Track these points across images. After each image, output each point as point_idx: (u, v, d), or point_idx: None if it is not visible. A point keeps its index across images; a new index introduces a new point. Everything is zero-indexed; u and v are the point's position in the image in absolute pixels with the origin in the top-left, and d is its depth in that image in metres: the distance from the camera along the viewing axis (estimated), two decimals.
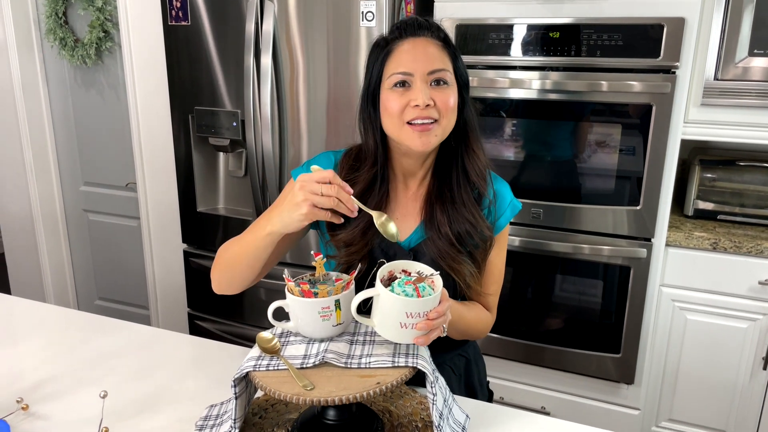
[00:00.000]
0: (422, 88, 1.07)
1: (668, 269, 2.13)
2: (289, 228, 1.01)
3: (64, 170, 3.05)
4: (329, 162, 1.22)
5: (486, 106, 2.19)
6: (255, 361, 0.95)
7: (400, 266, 1.01)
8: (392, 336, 0.96)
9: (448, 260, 1.13)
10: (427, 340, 0.94)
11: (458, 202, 1.15)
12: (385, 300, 0.94)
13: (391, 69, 1.09)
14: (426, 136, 1.09)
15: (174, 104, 2.42)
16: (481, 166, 1.18)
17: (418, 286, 0.95)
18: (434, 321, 0.94)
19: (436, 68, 1.08)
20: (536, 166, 2.19)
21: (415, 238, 1.18)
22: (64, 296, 3.18)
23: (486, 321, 1.23)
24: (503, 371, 2.42)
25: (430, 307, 0.94)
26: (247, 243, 1.10)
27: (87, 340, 1.37)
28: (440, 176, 1.18)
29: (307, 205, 0.97)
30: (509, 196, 1.24)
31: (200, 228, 2.51)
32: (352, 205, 0.98)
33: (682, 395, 2.23)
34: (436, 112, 1.08)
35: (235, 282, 1.15)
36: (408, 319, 0.93)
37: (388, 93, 1.09)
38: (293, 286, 0.98)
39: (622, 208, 2.08)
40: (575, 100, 2.05)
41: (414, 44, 1.09)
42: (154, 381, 1.22)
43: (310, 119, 2.22)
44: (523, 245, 2.22)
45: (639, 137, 2.00)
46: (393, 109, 1.09)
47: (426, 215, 1.17)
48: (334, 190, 0.96)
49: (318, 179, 0.97)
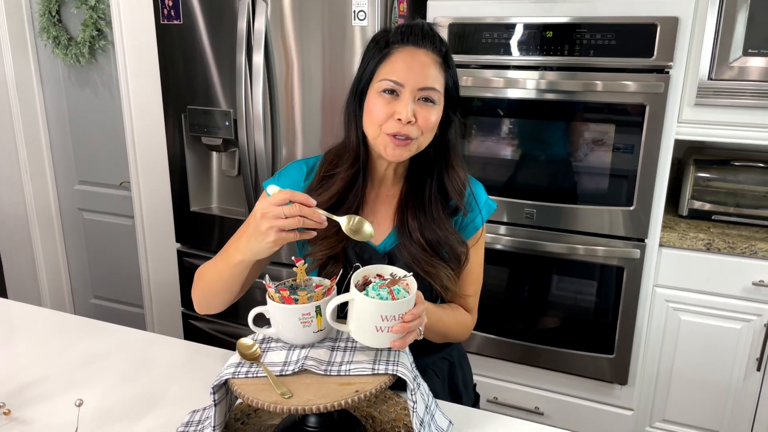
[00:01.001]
0: (408, 102, 1.06)
1: (662, 270, 2.12)
2: (261, 255, 1.00)
3: (58, 169, 3.05)
4: (300, 172, 1.21)
5: (479, 106, 2.18)
6: (234, 368, 0.94)
7: (374, 271, 1.01)
8: (369, 341, 0.95)
9: (423, 264, 1.13)
10: (404, 344, 0.94)
11: (428, 216, 1.15)
12: (360, 304, 0.94)
13: (383, 73, 1.08)
14: (399, 149, 1.09)
15: (167, 103, 2.41)
16: (460, 183, 1.17)
17: (393, 289, 0.94)
18: (410, 323, 0.93)
19: (427, 86, 1.06)
20: (530, 165, 2.18)
21: (389, 242, 1.18)
22: (59, 295, 3.18)
23: (466, 323, 1.23)
24: (497, 371, 2.41)
25: (405, 309, 0.94)
26: (220, 271, 1.08)
27: (74, 343, 1.37)
28: (413, 183, 1.18)
29: (273, 232, 0.94)
30: (484, 196, 1.24)
31: (194, 227, 2.51)
32: (318, 217, 0.95)
33: (675, 396, 2.22)
34: (416, 129, 1.08)
35: (214, 304, 1.15)
36: (383, 322, 0.93)
37: (376, 97, 1.08)
38: (273, 292, 0.98)
39: (615, 209, 2.07)
40: (569, 100, 2.04)
41: (413, 55, 1.07)
42: (140, 385, 1.21)
43: (304, 118, 2.21)
44: (517, 245, 2.21)
45: (633, 137, 1.99)
46: (376, 115, 1.08)
47: (397, 222, 1.17)
48: (296, 209, 0.93)
49: (277, 202, 0.94)
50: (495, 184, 2.21)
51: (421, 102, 1.07)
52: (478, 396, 1.35)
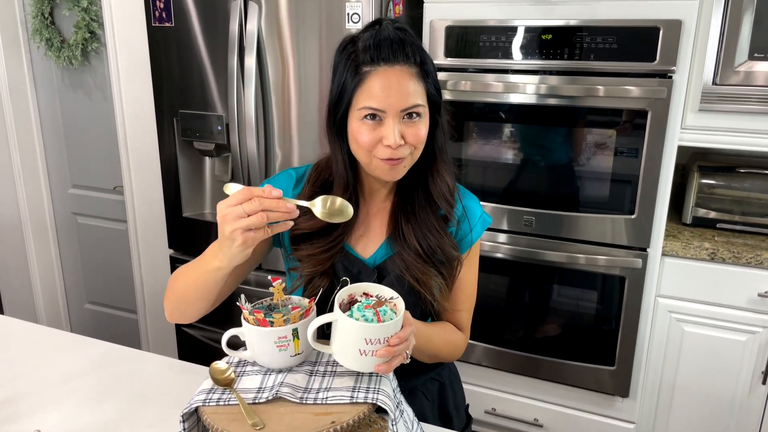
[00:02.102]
0: (394, 126, 1.00)
1: (665, 280, 2.06)
2: (237, 261, 0.94)
3: (52, 173, 3.00)
4: (290, 180, 1.16)
5: (478, 111, 2.12)
6: (206, 395, 0.89)
7: (361, 289, 0.96)
8: (352, 364, 0.90)
9: (415, 272, 1.08)
10: (389, 368, 0.89)
11: (420, 221, 1.10)
12: (344, 325, 0.89)
13: (362, 101, 1.01)
14: (395, 170, 1.05)
15: (159, 107, 2.37)
16: (445, 189, 1.12)
17: (379, 310, 0.89)
18: (396, 347, 0.88)
19: (409, 105, 1.01)
20: (529, 172, 2.12)
21: (380, 255, 1.13)
22: (53, 300, 3.14)
23: (457, 343, 1.17)
24: (495, 382, 2.36)
25: (392, 332, 0.88)
26: (195, 278, 1.03)
27: (49, 360, 1.32)
28: (403, 194, 1.13)
29: (239, 234, 0.88)
30: (479, 211, 1.19)
31: (186, 233, 2.46)
32: (285, 206, 0.89)
33: (678, 409, 2.16)
34: (407, 149, 1.03)
35: (187, 314, 1.10)
36: (368, 345, 0.88)
37: (359, 125, 1.02)
38: (247, 314, 0.93)
39: (617, 216, 2.01)
40: (569, 105, 1.98)
41: (387, 76, 0.99)
42: (115, 404, 1.16)
43: (300, 123, 2.16)
44: (516, 254, 2.15)
45: (635, 143, 1.93)
46: (363, 143, 1.02)
47: (391, 229, 1.12)
48: (256, 204, 0.87)
49: (235, 202, 0.88)
50: (493, 191, 2.16)
51: (406, 120, 1.02)
52: (470, 418, 1.29)
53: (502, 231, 2.17)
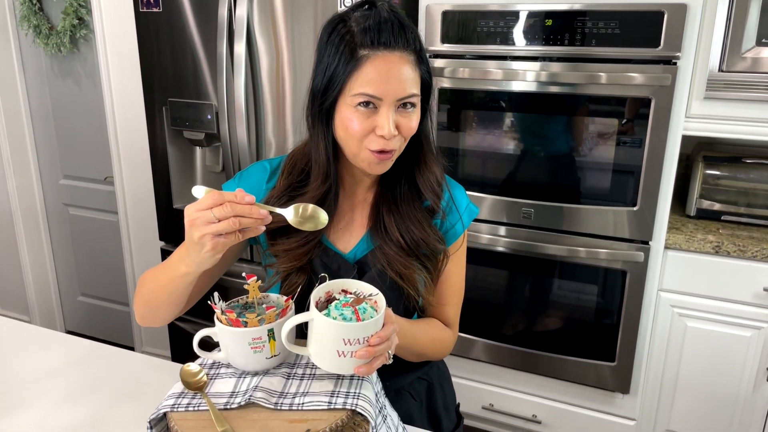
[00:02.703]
0: (389, 115, 0.94)
1: (667, 273, 2.00)
2: (205, 266, 0.88)
3: (43, 163, 2.95)
4: (263, 173, 1.10)
5: (475, 99, 2.05)
6: (174, 400, 0.83)
7: (339, 286, 0.90)
8: (330, 366, 0.85)
9: (397, 266, 1.02)
10: (370, 370, 0.83)
11: (403, 212, 1.04)
12: (320, 325, 0.83)
13: (356, 86, 0.93)
14: (383, 164, 0.99)
15: (148, 96, 2.30)
16: (433, 180, 1.06)
17: (358, 308, 0.83)
18: (376, 347, 0.82)
19: (407, 94, 0.94)
20: (529, 162, 2.06)
21: (360, 249, 1.07)
22: (45, 292, 3.10)
23: (444, 340, 1.11)
24: (493, 377, 2.30)
25: (372, 331, 0.83)
26: (164, 283, 0.96)
27: (24, 356, 1.26)
28: (386, 184, 1.07)
29: (208, 239, 0.82)
30: (465, 201, 1.13)
31: (177, 225, 2.40)
32: (258, 213, 0.83)
33: (680, 406, 2.11)
34: (399, 140, 0.97)
35: (159, 318, 1.03)
36: (346, 346, 0.82)
37: (351, 111, 0.95)
38: (220, 313, 0.87)
39: (618, 208, 1.94)
40: (570, 93, 1.91)
41: (387, 62, 0.93)
42: (89, 404, 1.11)
43: (295, 111, 2.09)
44: (512, 247, 2.09)
45: (638, 132, 1.86)
46: (355, 131, 0.95)
47: (372, 221, 1.06)
48: (228, 209, 0.81)
49: (204, 206, 0.82)
50: (491, 182, 2.09)
51: (401, 110, 0.95)
52: (461, 418, 1.23)
53: (500, 223, 2.11)
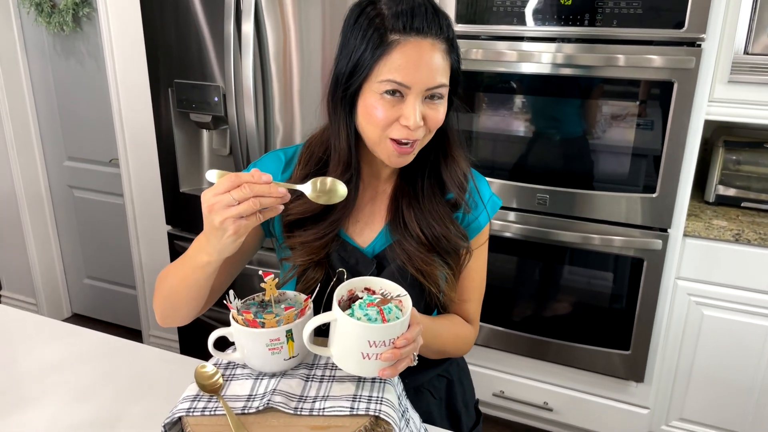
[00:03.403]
0: (416, 105, 0.89)
1: (685, 261, 1.96)
2: (227, 253, 0.84)
3: (46, 144, 2.90)
4: (278, 163, 1.05)
5: (489, 81, 1.99)
6: (190, 403, 0.80)
7: (362, 284, 0.86)
8: (353, 369, 0.81)
9: (418, 262, 0.98)
10: (395, 372, 0.80)
11: (424, 208, 1.00)
12: (344, 326, 0.79)
13: (384, 72, 0.88)
14: (404, 158, 0.94)
15: (153, 77, 2.25)
16: (460, 175, 1.01)
17: (383, 309, 0.79)
18: (402, 349, 0.79)
19: (436, 84, 0.89)
20: (544, 147, 2.00)
21: (379, 243, 1.02)
22: (51, 275, 3.07)
23: (466, 337, 1.08)
24: (504, 364, 2.28)
25: (398, 333, 0.79)
26: (185, 276, 0.93)
27: (31, 349, 1.23)
28: (407, 176, 1.02)
29: (230, 223, 0.79)
30: (488, 193, 1.08)
31: (184, 209, 2.36)
32: (277, 192, 0.80)
33: (695, 394, 2.08)
34: (424, 131, 0.92)
35: (180, 315, 1.00)
36: (371, 348, 0.78)
37: (376, 98, 0.90)
38: (236, 313, 0.83)
39: (637, 195, 1.89)
40: (587, 76, 1.86)
41: (419, 49, 0.88)
42: (98, 402, 1.08)
43: (302, 93, 2.04)
44: (528, 233, 2.05)
45: (658, 117, 1.81)
46: (379, 119, 0.90)
47: (391, 215, 1.02)
48: (247, 190, 0.78)
49: (222, 190, 0.79)
50: (505, 167, 2.04)
51: (428, 101, 0.91)
52: (480, 415, 1.20)
53: (513, 209, 2.07)
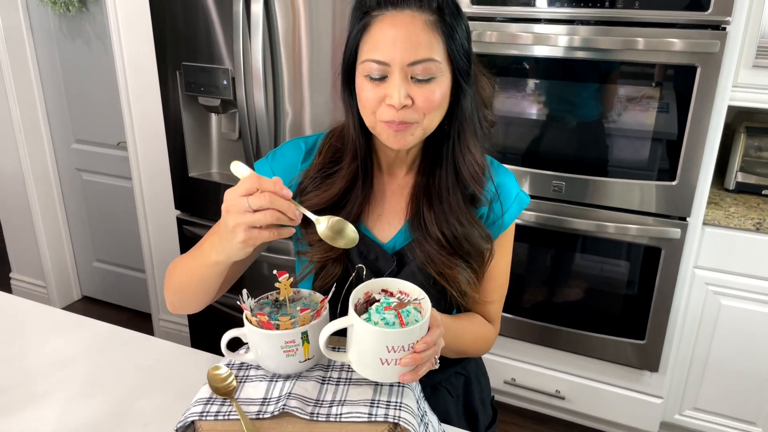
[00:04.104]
0: (399, 83, 0.84)
1: (703, 250, 1.92)
2: (236, 258, 0.82)
3: (54, 127, 2.87)
4: (297, 152, 1.02)
5: (504, 65, 1.94)
6: (203, 406, 0.78)
7: (378, 285, 0.82)
8: (371, 374, 0.78)
9: (439, 265, 0.94)
10: (415, 377, 0.77)
11: (445, 206, 0.95)
12: (361, 332, 0.76)
13: (365, 52, 0.86)
14: (402, 136, 0.88)
15: (161, 59, 2.20)
16: (475, 167, 0.96)
17: (401, 312, 0.76)
18: (423, 354, 0.76)
19: (419, 59, 0.84)
20: (560, 133, 1.96)
21: (399, 240, 0.99)
22: (61, 258, 3.06)
23: (487, 337, 1.04)
24: (516, 352, 2.26)
25: (417, 337, 0.76)
26: (192, 272, 0.91)
27: (40, 342, 1.21)
28: (428, 170, 0.98)
29: (242, 230, 0.76)
30: (515, 189, 1.04)
31: (193, 194, 2.34)
32: (293, 212, 0.76)
33: (709, 384, 2.05)
34: (413, 113, 0.87)
35: (190, 306, 0.98)
36: (389, 353, 0.75)
37: (362, 81, 0.88)
38: (250, 315, 0.80)
39: (655, 183, 1.85)
40: (606, 60, 1.80)
41: (394, 22, 0.84)
42: (108, 398, 1.06)
43: (312, 77, 1.99)
44: (542, 221, 2.01)
45: (679, 103, 1.75)
46: (366, 101, 0.88)
47: (411, 213, 0.98)
48: (266, 200, 0.74)
49: (243, 192, 0.75)
50: (520, 153, 2.00)
51: (418, 82, 0.85)
52: (496, 411, 1.18)
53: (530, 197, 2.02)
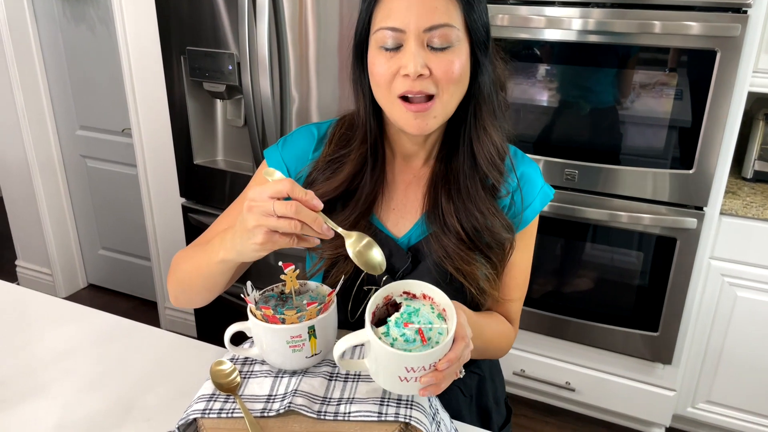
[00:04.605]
0: (415, 51, 0.79)
1: (720, 240, 1.87)
2: (246, 257, 0.78)
3: (58, 113, 2.84)
4: (310, 140, 0.97)
5: (516, 49, 1.89)
6: (205, 403, 0.75)
7: (400, 288, 0.76)
8: (391, 388, 0.73)
9: (457, 261, 0.89)
10: (437, 391, 0.71)
11: (464, 194, 0.90)
12: (377, 351, 0.70)
13: (378, 20, 0.82)
14: (423, 118, 0.83)
15: (165, 44, 2.16)
16: (492, 151, 0.90)
17: (423, 329, 0.71)
18: (445, 371, 0.70)
19: (436, 23, 0.79)
20: (573, 120, 1.91)
21: (415, 234, 0.94)
22: (66, 246, 3.04)
23: (508, 336, 1.00)
24: (526, 343, 2.22)
25: (439, 356, 0.69)
26: (199, 266, 0.87)
27: (41, 337, 1.19)
28: (447, 158, 0.92)
29: (262, 232, 0.72)
30: (539, 182, 0.98)
31: (198, 182, 2.30)
32: (320, 226, 0.72)
33: (723, 377, 2.01)
34: (431, 84, 0.81)
35: (194, 301, 0.95)
36: (409, 373, 0.70)
37: (375, 53, 0.83)
38: (254, 308, 0.77)
39: (671, 172, 1.80)
40: (621, 44, 1.74)
41: None
42: (111, 391, 1.03)
43: (319, 62, 1.95)
44: (555, 210, 1.96)
45: (697, 89, 1.70)
46: (379, 76, 0.83)
47: (428, 205, 0.93)
48: (292, 209, 0.70)
49: (271, 194, 0.71)
50: (531, 141, 1.95)
51: (435, 51, 0.81)
52: (510, 411, 1.14)
53: None
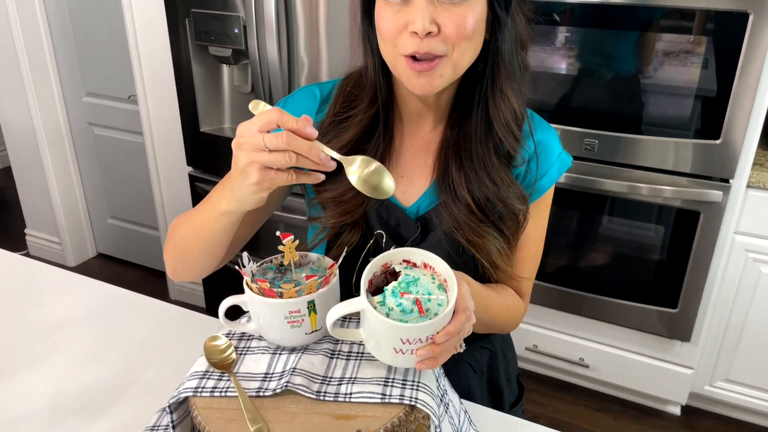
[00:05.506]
0: (424, 4, 0.72)
1: (745, 214, 1.79)
2: (248, 205, 0.73)
3: (64, 80, 2.78)
4: (312, 101, 0.91)
5: (534, 11, 1.79)
6: (198, 381, 0.70)
7: (400, 255, 0.71)
8: (386, 360, 0.69)
9: (468, 232, 0.83)
10: (435, 364, 0.66)
11: (476, 162, 0.83)
12: (371, 320, 0.66)
13: None
14: (428, 77, 0.76)
15: (170, 6, 2.09)
16: (509, 115, 0.82)
17: (420, 299, 0.66)
18: (443, 344, 0.65)
19: None
20: (593, 87, 1.82)
21: (424, 203, 0.88)
22: (75, 215, 3.01)
23: (517, 311, 0.94)
24: (539, 318, 2.17)
25: (438, 328, 0.64)
26: (199, 225, 0.81)
27: (37, 303, 1.15)
28: (459, 122, 0.85)
29: (256, 170, 0.67)
30: (557, 148, 0.90)
31: (205, 150, 2.25)
32: (317, 155, 0.67)
33: (743, 355, 1.95)
34: (440, 43, 0.74)
35: (193, 269, 0.89)
36: (404, 345, 0.65)
37: (382, 5, 0.76)
38: (249, 281, 0.72)
39: (697, 142, 1.71)
40: (646, 5, 1.65)
41: None
42: (106, 366, 0.99)
43: (329, 25, 1.87)
44: (573, 182, 1.89)
45: (726, 55, 1.60)
46: (385, 30, 0.76)
47: (438, 173, 0.86)
48: (283, 140, 0.64)
49: (259, 127, 0.66)
50: (549, 110, 1.87)
51: (445, 4, 0.73)
52: (522, 388, 1.09)
53: None
